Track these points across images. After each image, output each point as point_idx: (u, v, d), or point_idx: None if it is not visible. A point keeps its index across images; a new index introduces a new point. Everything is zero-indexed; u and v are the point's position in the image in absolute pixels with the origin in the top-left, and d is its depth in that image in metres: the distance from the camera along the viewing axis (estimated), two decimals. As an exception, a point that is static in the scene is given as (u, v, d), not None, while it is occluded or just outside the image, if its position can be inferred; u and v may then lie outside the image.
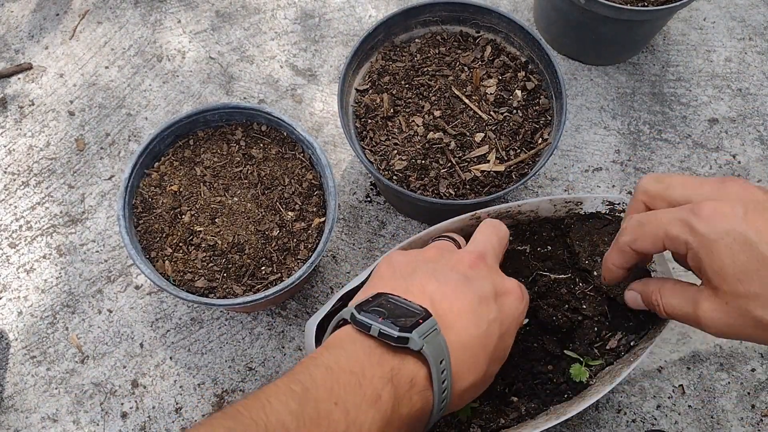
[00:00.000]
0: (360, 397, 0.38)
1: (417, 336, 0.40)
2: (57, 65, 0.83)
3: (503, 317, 0.47)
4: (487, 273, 0.48)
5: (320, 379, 0.39)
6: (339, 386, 0.38)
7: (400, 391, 0.40)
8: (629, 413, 0.67)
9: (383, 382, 0.39)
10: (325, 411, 0.37)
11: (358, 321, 0.42)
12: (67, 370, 0.68)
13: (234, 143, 0.67)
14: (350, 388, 0.38)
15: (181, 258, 0.62)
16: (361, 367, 0.40)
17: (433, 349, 0.41)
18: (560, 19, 0.80)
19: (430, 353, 0.41)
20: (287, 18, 0.87)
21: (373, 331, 0.41)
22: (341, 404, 0.37)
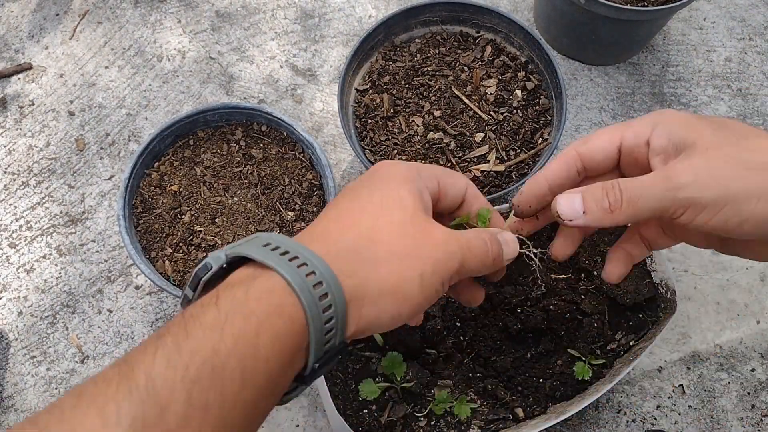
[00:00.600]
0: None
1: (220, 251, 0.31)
2: (57, 65, 0.83)
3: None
4: None
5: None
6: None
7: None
8: (629, 413, 0.67)
9: None
10: None
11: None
12: (67, 370, 0.68)
13: (234, 143, 0.67)
14: None
15: (181, 258, 0.62)
16: None
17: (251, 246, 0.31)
18: (560, 19, 0.80)
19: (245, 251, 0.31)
20: (287, 18, 0.87)
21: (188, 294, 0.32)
22: None
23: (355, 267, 0.31)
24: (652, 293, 0.60)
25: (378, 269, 0.32)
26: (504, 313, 0.59)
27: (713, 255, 0.74)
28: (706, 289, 0.72)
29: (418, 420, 0.57)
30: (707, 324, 0.71)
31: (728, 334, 0.71)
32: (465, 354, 0.59)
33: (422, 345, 0.59)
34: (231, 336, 0.27)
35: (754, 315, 0.72)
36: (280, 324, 0.29)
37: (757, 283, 0.73)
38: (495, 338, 0.59)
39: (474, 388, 0.58)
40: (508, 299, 0.59)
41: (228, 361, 0.27)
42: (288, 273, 0.29)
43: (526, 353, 0.59)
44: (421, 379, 0.57)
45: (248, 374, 0.28)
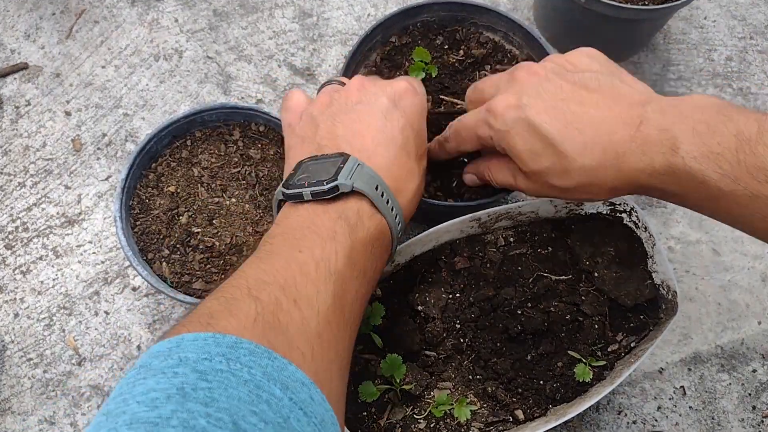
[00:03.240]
0: (318, 239, 0.42)
1: (344, 179, 0.44)
2: (53, 65, 0.82)
3: (408, 116, 0.51)
4: (376, 89, 0.52)
5: (278, 243, 0.43)
6: (297, 240, 0.42)
7: (352, 221, 0.44)
8: (630, 415, 0.67)
9: (333, 221, 0.43)
10: (293, 259, 0.41)
11: (290, 195, 0.45)
12: (64, 372, 0.68)
13: (232, 143, 0.66)
14: (307, 237, 0.42)
15: (178, 259, 0.61)
16: (312, 221, 0.44)
17: (363, 181, 0.45)
18: (560, 18, 0.80)
19: (362, 186, 0.45)
20: (285, 17, 0.86)
21: (306, 196, 0.45)
22: (305, 249, 0.41)
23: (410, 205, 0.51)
24: (653, 294, 0.60)
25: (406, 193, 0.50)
26: (504, 314, 0.59)
27: (715, 256, 0.74)
28: (707, 290, 0.72)
29: (417, 422, 0.56)
30: (708, 325, 0.71)
31: (729, 335, 0.70)
32: (465, 356, 0.59)
33: (422, 347, 0.59)
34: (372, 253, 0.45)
35: (755, 316, 0.71)
36: (388, 244, 0.48)
37: (758, 283, 0.73)
38: (495, 340, 0.58)
39: (474, 390, 0.58)
40: (508, 301, 0.59)
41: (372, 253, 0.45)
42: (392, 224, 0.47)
43: (526, 355, 0.58)
44: (420, 381, 0.56)
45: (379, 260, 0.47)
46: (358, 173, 0.45)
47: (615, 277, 0.59)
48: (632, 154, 0.45)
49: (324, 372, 0.37)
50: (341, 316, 0.40)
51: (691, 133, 0.43)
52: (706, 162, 0.42)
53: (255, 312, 0.36)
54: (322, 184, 0.44)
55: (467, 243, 0.62)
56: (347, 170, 0.45)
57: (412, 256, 0.62)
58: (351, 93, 0.51)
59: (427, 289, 0.60)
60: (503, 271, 0.61)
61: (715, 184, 0.42)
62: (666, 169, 0.44)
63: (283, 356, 0.34)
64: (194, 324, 0.35)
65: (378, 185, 0.46)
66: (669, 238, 0.74)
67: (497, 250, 0.62)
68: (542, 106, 0.49)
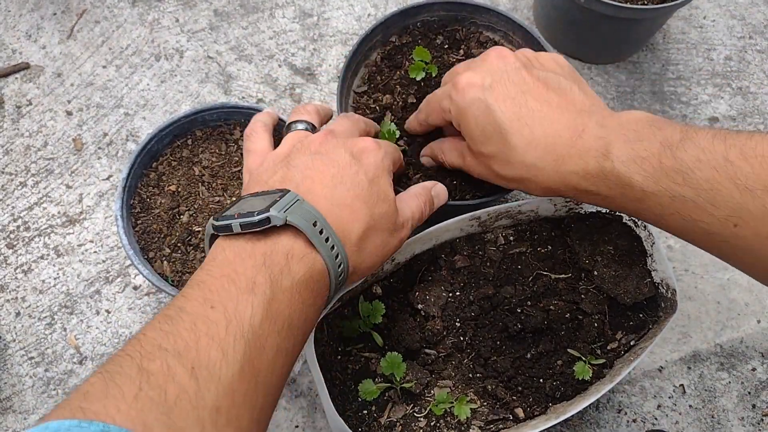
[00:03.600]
0: (235, 292, 0.38)
1: (276, 211, 0.41)
2: (54, 65, 0.83)
3: (366, 168, 0.48)
4: (339, 143, 0.50)
5: (193, 295, 0.38)
6: (213, 293, 0.38)
7: (276, 268, 0.40)
8: (630, 413, 0.67)
9: (255, 269, 0.40)
10: (202, 317, 0.36)
11: (219, 227, 0.42)
12: (65, 371, 0.68)
13: (232, 143, 0.66)
14: (224, 289, 0.38)
15: (179, 258, 0.61)
16: (233, 268, 0.40)
17: (299, 215, 0.42)
18: (560, 17, 0.80)
19: (296, 220, 0.41)
20: (286, 17, 0.87)
21: (235, 227, 0.41)
22: (218, 305, 0.37)
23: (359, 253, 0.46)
24: (653, 293, 0.60)
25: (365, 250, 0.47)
26: (504, 313, 0.59)
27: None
28: (706, 289, 0.72)
29: (417, 420, 0.56)
30: (708, 323, 0.71)
31: (729, 334, 0.71)
32: (465, 354, 0.59)
33: (422, 345, 0.59)
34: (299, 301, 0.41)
35: (754, 314, 0.71)
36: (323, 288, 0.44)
37: (757, 282, 0.73)
38: (495, 338, 0.59)
39: (474, 388, 0.58)
40: (508, 299, 0.59)
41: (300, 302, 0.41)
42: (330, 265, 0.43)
43: (526, 353, 0.58)
44: (420, 380, 0.57)
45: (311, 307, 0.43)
46: (296, 208, 0.42)
47: (614, 276, 0.59)
48: (570, 158, 0.49)
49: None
50: (252, 381, 0.36)
51: (622, 141, 0.46)
52: (632, 165, 0.45)
53: (137, 387, 0.32)
54: (252, 215, 0.41)
55: (467, 241, 0.63)
56: (283, 204, 0.42)
57: (412, 255, 0.62)
58: (313, 143, 0.50)
59: (427, 288, 0.60)
60: (503, 269, 0.61)
61: (639, 186, 0.45)
62: (597, 172, 0.47)
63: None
64: (65, 408, 0.31)
65: (317, 221, 0.42)
66: (668, 237, 0.74)
67: (497, 249, 0.62)
68: (502, 93, 0.51)
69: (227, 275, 0.39)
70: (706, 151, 0.42)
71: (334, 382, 0.56)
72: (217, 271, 0.40)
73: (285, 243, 0.42)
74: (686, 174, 0.42)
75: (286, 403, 0.67)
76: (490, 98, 0.51)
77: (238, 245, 0.42)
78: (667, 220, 0.45)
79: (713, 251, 0.45)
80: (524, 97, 0.51)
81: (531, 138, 0.50)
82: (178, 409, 0.32)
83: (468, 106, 0.52)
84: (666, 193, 0.44)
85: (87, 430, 0.29)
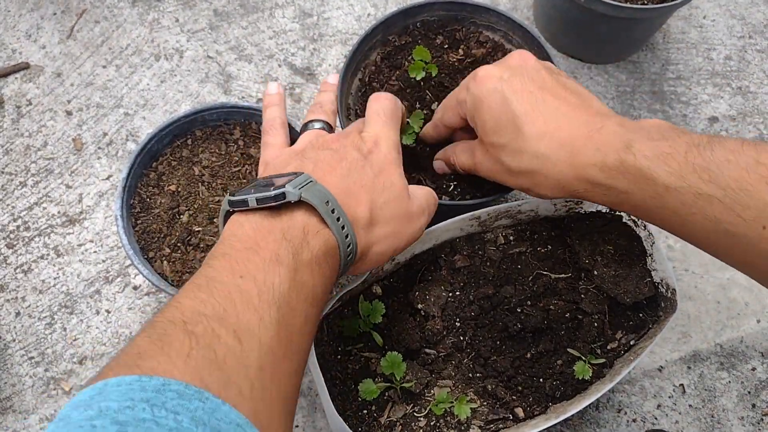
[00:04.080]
0: (261, 263, 0.40)
1: (292, 187, 0.42)
2: (54, 64, 0.83)
3: (372, 164, 0.49)
4: (349, 142, 0.51)
5: (219, 266, 0.40)
6: (239, 263, 0.40)
7: (296, 241, 0.42)
8: (630, 413, 0.67)
9: (277, 243, 0.41)
10: (234, 286, 0.38)
11: (235, 202, 0.44)
12: (65, 371, 0.68)
13: (232, 143, 0.66)
14: (250, 260, 0.40)
15: (179, 258, 0.61)
16: (255, 241, 0.41)
17: (312, 194, 0.43)
18: (560, 17, 0.80)
19: (310, 197, 0.43)
20: (285, 17, 0.87)
21: (251, 202, 0.43)
22: (246, 275, 0.39)
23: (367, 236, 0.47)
24: (653, 292, 0.60)
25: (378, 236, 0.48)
26: (504, 313, 0.59)
27: (713, 254, 0.74)
28: (706, 288, 0.72)
29: (417, 420, 0.56)
30: (708, 323, 0.71)
31: (729, 333, 0.71)
32: (465, 354, 0.59)
33: (422, 345, 0.59)
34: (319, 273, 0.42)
35: (754, 314, 0.71)
36: (336, 263, 0.45)
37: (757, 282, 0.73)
38: (495, 338, 0.59)
39: (474, 388, 0.58)
40: (507, 299, 0.59)
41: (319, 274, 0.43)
42: (340, 241, 0.44)
43: (526, 353, 0.59)
44: (420, 379, 0.57)
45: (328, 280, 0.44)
46: (309, 186, 0.44)
47: (614, 275, 0.59)
48: (587, 150, 0.48)
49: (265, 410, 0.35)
50: (287, 345, 0.38)
51: (645, 137, 0.45)
52: (656, 161, 0.44)
53: (188, 347, 0.33)
54: (268, 190, 0.43)
55: (467, 241, 0.63)
56: (297, 182, 0.44)
57: (412, 255, 0.62)
58: (327, 141, 0.52)
59: (427, 288, 0.60)
60: (503, 269, 0.61)
61: (662, 181, 0.43)
62: (617, 165, 0.46)
63: (217, 395, 0.32)
64: (120, 366, 0.32)
65: (329, 200, 0.44)
66: (668, 237, 0.74)
67: (497, 249, 0.62)
68: (520, 86, 0.51)
69: (250, 248, 0.41)
70: (736, 153, 0.41)
71: (334, 381, 0.56)
72: (239, 245, 0.41)
73: (300, 219, 0.43)
74: (714, 172, 0.41)
75: (286, 403, 0.67)
76: (508, 89, 0.51)
77: (256, 221, 0.43)
78: (688, 220, 0.44)
79: (732, 257, 0.44)
80: (542, 93, 0.51)
81: (545, 129, 0.49)
82: (228, 366, 0.34)
83: (484, 96, 0.52)
84: (691, 190, 0.42)
85: (148, 384, 0.30)
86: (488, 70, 0.53)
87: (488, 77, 0.52)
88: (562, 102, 0.50)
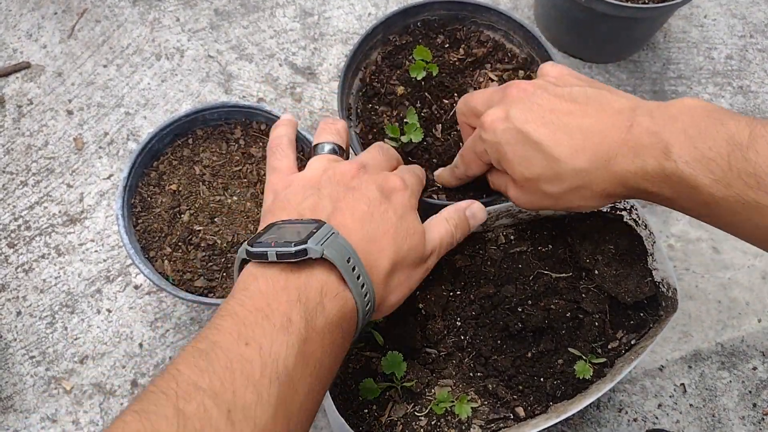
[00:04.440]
0: (269, 329, 0.38)
1: (314, 243, 0.40)
2: (55, 64, 0.83)
3: (395, 207, 0.48)
4: (370, 179, 0.50)
5: (226, 328, 0.38)
6: (247, 327, 0.38)
7: (311, 305, 0.40)
8: (630, 412, 0.67)
9: (290, 305, 0.39)
10: (236, 355, 0.36)
11: (254, 254, 0.42)
12: (66, 370, 0.68)
13: (233, 142, 0.66)
14: (258, 325, 0.38)
15: (180, 257, 0.61)
16: (267, 300, 0.39)
17: (334, 250, 0.41)
18: (561, 16, 0.80)
19: (332, 255, 0.41)
20: (286, 16, 0.87)
21: (270, 256, 0.41)
22: (252, 342, 0.37)
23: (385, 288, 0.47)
24: (653, 292, 0.60)
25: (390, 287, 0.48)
26: (504, 312, 0.59)
27: (715, 254, 0.74)
28: (707, 288, 0.72)
29: (418, 419, 0.56)
30: (709, 322, 0.71)
31: (730, 333, 0.71)
32: (465, 353, 0.59)
33: (422, 344, 0.59)
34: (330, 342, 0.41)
35: (755, 313, 0.71)
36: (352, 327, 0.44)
37: (758, 281, 0.73)
38: (495, 338, 0.59)
39: (474, 387, 0.58)
40: (508, 298, 0.59)
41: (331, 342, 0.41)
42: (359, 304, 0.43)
43: (526, 352, 0.58)
44: (421, 379, 0.57)
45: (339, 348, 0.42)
46: (331, 241, 0.42)
47: (615, 275, 0.59)
48: (624, 157, 0.45)
49: None
50: (285, 424, 0.36)
51: (682, 136, 0.43)
52: (698, 167, 0.42)
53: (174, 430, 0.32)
54: (290, 246, 0.40)
55: (468, 241, 0.63)
56: (320, 236, 0.41)
57: (413, 254, 0.62)
58: (345, 175, 0.49)
59: (428, 287, 0.60)
60: (504, 268, 0.61)
61: (707, 190, 0.42)
62: (658, 173, 0.44)
63: None
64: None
65: (350, 257, 0.42)
66: (669, 236, 0.74)
67: (498, 248, 0.62)
68: (530, 116, 0.49)
69: (261, 309, 0.39)
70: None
71: (335, 381, 0.56)
72: (250, 303, 0.39)
73: (319, 277, 0.41)
74: (761, 177, 0.39)
75: (286, 402, 0.67)
76: (520, 124, 0.49)
77: (272, 275, 0.41)
78: (740, 227, 0.42)
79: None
80: (553, 115, 0.49)
81: (574, 144, 0.47)
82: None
83: (501, 139, 0.50)
84: (738, 199, 0.40)
85: None
86: (492, 114, 0.51)
87: (495, 121, 0.51)
88: (576, 115, 0.48)
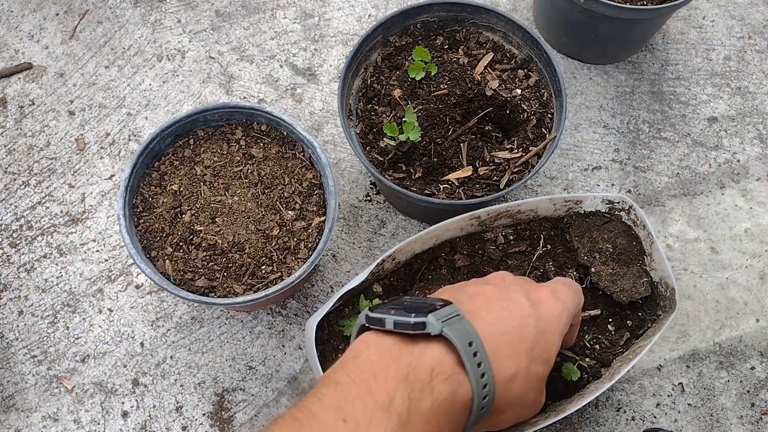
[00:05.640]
0: (371, 405, 0.36)
1: (434, 319, 0.38)
2: (57, 65, 0.83)
3: (539, 317, 0.44)
4: (517, 283, 0.47)
5: (328, 398, 0.37)
6: (347, 402, 0.36)
7: (417, 385, 0.37)
8: (629, 411, 0.67)
9: (397, 381, 0.37)
10: (332, 430, 0.35)
11: (372, 319, 0.41)
12: (68, 369, 0.68)
13: (234, 143, 0.67)
14: (359, 399, 0.36)
15: (181, 257, 0.62)
16: (374, 372, 0.38)
17: (456, 330, 0.39)
18: (559, 18, 0.80)
19: (453, 334, 0.39)
20: (287, 17, 0.87)
21: (388, 324, 0.39)
22: (350, 420, 0.35)
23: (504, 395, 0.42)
24: (649, 292, 0.60)
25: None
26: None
27: (713, 254, 0.74)
28: (705, 288, 0.73)
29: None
30: (707, 322, 0.71)
31: (728, 333, 0.71)
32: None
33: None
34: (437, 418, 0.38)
35: (753, 313, 0.72)
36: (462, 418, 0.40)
37: (756, 281, 0.73)
38: (495, 337, 0.59)
39: (474, 386, 0.58)
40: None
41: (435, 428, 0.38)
42: (476, 389, 0.39)
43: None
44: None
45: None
46: (454, 322, 0.39)
47: (611, 274, 0.60)
48: None
49: None
50: None
51: None
52: None
53: None
54: (409, 316, 0.39)
55: (467, 241, 0.63)
56: (443, 313, 0.39)
57: (413, 254, 0.62)
58: (490, 278, 0.48)
59: (427, 287, 0.60)
60: (502, 268, 0.62)
61: None
62: None
63: None
64: None
65: (473, 342, 0.39)
66: (667, 236, 0.75)
67: (497, 248, 0.63)
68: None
69: (366, 381, 0.37)
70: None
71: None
72: (356, 373, 0.38)
73: (434, 355, 0.39)
74: None
75: (287, 401, 0.68)
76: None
77: (385, 346, 0.40)
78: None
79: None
80: None
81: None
82: None
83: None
84: None
85: None
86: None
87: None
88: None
